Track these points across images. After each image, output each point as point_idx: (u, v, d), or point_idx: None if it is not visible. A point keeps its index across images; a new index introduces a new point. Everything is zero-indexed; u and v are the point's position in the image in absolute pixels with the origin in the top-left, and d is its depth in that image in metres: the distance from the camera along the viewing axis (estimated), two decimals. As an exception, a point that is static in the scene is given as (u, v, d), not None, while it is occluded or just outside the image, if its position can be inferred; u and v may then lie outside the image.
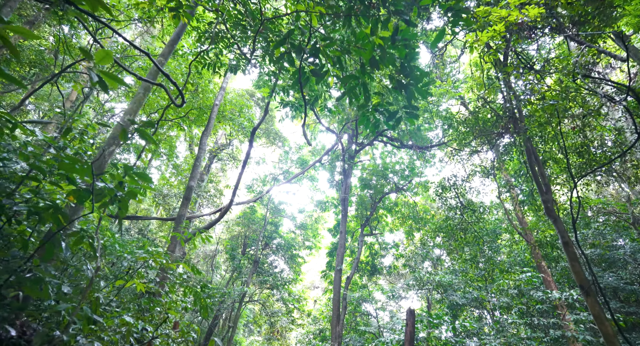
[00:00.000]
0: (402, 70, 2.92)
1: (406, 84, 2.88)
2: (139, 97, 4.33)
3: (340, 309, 13.64)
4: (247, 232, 24.67)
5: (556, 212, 5.51)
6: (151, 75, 4.64)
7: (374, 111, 3.31)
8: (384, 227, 20.35)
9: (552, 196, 5.72)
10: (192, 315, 23.86)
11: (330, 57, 3.11)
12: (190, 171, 8.77)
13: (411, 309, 6.88)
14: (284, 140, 22.90)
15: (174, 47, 5.39)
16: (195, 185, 8.50)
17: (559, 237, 5.25)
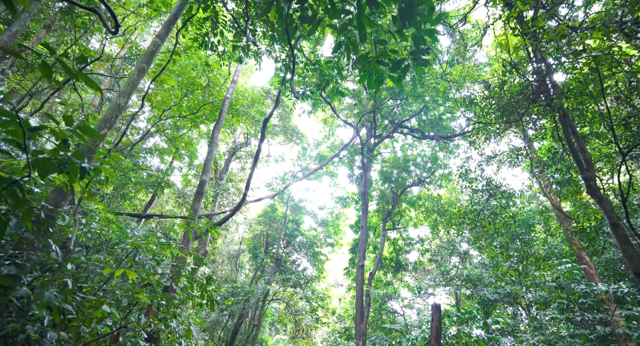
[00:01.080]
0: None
1: (410, 13, 2.43)
2: (132, 79, 4.10)
3: (363, 306, 13.16)
4: (268, 231, 24.63)
5: (600, 191, 4.83)
6: (147, 56, 4.40)
7: (376, 63, 2.88)
8: (407, 221, 19.63)
9: (595, 173, 5.02)
10: (219, 314, 24.11)
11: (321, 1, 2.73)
12: (203, 166, 8.60)
13: (436, 304, 6.35)
14: (302, 136, 22.64)
15: (170, 28, 5.17)
16: (208, 180, 8.32)
17: (606, 219, 4.58)
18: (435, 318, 6.16)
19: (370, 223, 19.97)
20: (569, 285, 8.07)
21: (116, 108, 3.84)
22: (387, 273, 19.80)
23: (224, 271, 29.47)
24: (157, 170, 17.78)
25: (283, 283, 22.08)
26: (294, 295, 22.90)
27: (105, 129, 3.70)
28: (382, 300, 17.95)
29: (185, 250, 7.41)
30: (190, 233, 7.50)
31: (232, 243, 29.55)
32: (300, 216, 24.50)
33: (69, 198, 3.21)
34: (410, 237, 19.52)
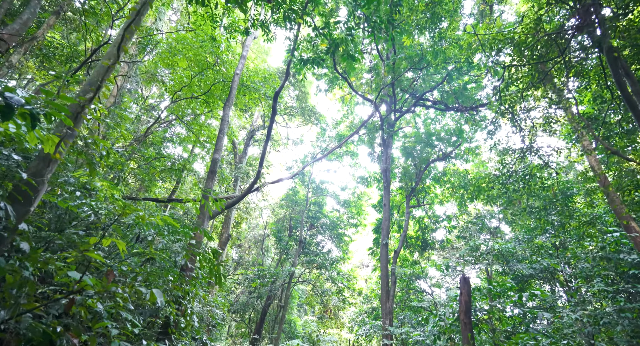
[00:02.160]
0: None
1: None
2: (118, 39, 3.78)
3: (389, 285, 12.83)
4: (291, 214, 24.63)
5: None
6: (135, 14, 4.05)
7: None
8: (432, 199, 18.90)
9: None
10: (248, 296, 24.67)
11: None
12: (215, 143, 8.36)
13: (465, 276, 5.85)
14: (320, 117, 22.09)
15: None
16: (220, 158, 8.08)
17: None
18: (464, 292, 5.69)
19: (394, 202, 19.41)
20: (617, 256, 7.28)
21: (102, 71, 3.56)
22: (413, 252, 19.30)
23: (251, 255, 30.04)
24: (179, 158, 17.95)
25: (308, 265, 22.13)
26: (319, 277, 22.96)
27: (91, 93, 3.42)
28: (409, 280, 17.54)
29: (200, 228, 7.27)
30: (210, 211, 7.33)
31: (257, 228, 29.93)
32: (322, 198, 24.26)
33: (53, 167, 2.99)
34: (436, 215, 18.81)
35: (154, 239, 4.64)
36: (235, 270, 27.04)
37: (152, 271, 3.91)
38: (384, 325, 11.70)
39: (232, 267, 28.91)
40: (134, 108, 19.39)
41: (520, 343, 4.72)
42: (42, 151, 2.97)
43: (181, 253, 6.32)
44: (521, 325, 8.43)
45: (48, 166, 3.01)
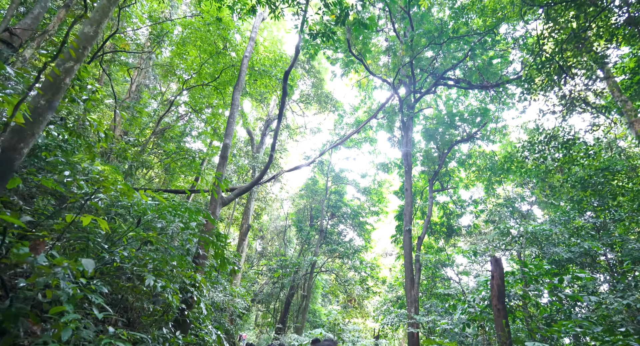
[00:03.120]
0: None
1: None
2: (102, 4, 3.47)
3: (413, 272, 12.31)
4: (311, 204, 24.39)
5: None
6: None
7: None
8: (457, 183, 18.02)
9: None
10: (272, 287, 24.80)
11: None
12: (225, 128, 8.08)
13: (496, 257, 5.29)
14: (337, 103, 21.52)
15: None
16: (231, 143, 7.80)
17: None
18: (495, 275, 5.14)
19: (416, 187, 18.70)
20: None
21: (83, 39, 3.27)
22: (438, 239, 18.58)
23: (274, 247, 30.20)
24: (198, 151, 17.98)
25: (329, 255, 21.88)
26: (342, 266, 22.69)
27: (71, 62, 3.13)
28: (435, 267, 16.92)
29: (212, 215, 7.04)
30: (216, 195, 7.08)
31: (279, 219, 29.96)
32: (343, 187, 23.83)
33: (30, 141, 2.74)
34: (462, 199, 17.95)
35: (158, 225, 4.39)
36: (259, 261, 27.27)
37: (155, 257, 3.66)
38: (409, 313, 11.25)
39: (256, 258, 29.21)
40: (154, 105, 19.52)
41: (563, 330, 4.14)
42: (17, 125, 2.70)
43: (191, 240, 6.10)
44: (559, 312, 7.75)
45: (22, 141, 2.75)
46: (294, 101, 22.14)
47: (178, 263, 4.29)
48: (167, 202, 4.08)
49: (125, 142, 7.74)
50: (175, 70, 11.56)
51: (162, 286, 3.45)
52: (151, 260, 3.96)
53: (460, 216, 17.96)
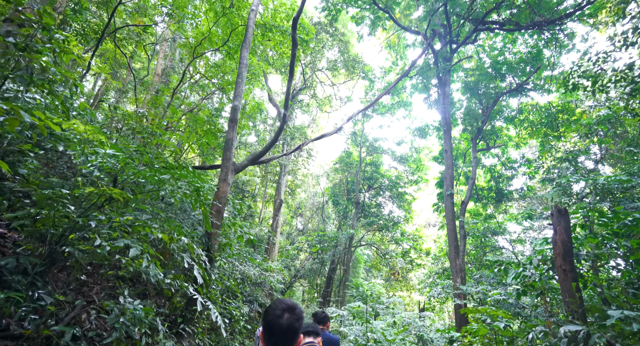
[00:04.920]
0: None
1: None
2: None
3: (457, 240, 11.17)
4: (347, 177, 23.59)
5: None
6: None
7: None
8: (505, 142, 16.06)
9: None
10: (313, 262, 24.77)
11: None
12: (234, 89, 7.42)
13: (560, 208, 4.14)
14: (365, 67, 20.01)
15: None
16: (240, 105, 7.13)
17: None
18: (559, 229, 4.03)
19: (458, 150, 17.06)
20: None
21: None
22: (486, 205, 16.95)
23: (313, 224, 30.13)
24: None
25: (368, 228, 21.14)
26: (382, 239, 21.88)
27: None
28: (484, 236, 15.49)
29: (223, 182, 6.51)
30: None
31: (316, 196, 29.64)
32: (378, 157, 22.65)
33: None
34: (512, 160, 16.03)
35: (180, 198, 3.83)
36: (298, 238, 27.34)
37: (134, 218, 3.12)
38: (454, 283, 10.26)
39: (297, 235, 29.37)
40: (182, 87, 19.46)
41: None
42: None
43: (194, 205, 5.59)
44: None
45: None
46: (320, 70, 21.00)
47: (169, 227, 3.74)
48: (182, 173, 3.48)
49: (136, 114, 7.35)
50: (188, 38, 11.00)
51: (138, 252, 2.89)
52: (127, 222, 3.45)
53: (510, 179, 16.11)
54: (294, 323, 1.25)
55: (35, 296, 2.51)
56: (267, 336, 1.26)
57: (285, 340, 1.23)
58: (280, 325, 1.23)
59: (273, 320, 1.25)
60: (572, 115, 14.18)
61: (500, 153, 16.56)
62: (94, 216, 3.46)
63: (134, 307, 2.60)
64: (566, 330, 3.18)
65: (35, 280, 2.85)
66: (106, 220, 3.49)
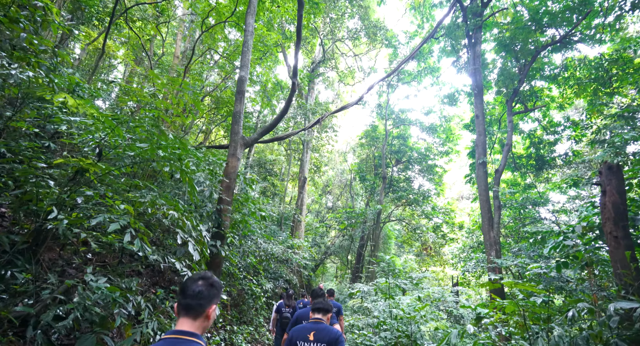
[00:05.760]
0: None
1: None
2: None
3: (491, 211, 10.38)
4: (374, 152, 22.87)
5: None
6: None
7: None
8: (547, 104, 14.49)
9: None
10: (341, 239, 24.75)
11: None
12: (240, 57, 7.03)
13: (610, 164, 3.45)
14: (387, 33, 18.72)
15: None
16: (248, 76, 6.74)
17: None
18: (609, 189, 3.37)
19: (492, 116, 15.74)
20: None
21: None
22: (525, 174, 15.68)
23: (342, 201, 29.92)
24: (258, 112, 17.54)
25: (396, 202, 20.51)
26: (413, 213, 21.20)
27: None
28: (522, 207, 14.39)
29: (231, 157, 6.26)
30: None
31: (344, 173, 29.21)
32: (406, 129, 21.60)
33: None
34: (555, 123, 14.51)
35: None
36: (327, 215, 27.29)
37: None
38: (488, 257, 9.61)
39: (326, 213, 29.37)
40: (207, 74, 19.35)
41: None
42: None
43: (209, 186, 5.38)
44: None
45: None
46: (340, 40, 19.96)
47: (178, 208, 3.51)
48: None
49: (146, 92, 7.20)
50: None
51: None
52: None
53: (553, 144, 14.66)
54: (204, 290, 1.38)
55: (8, 274, 2.38)
56: (181, 297, 1.38)
57: (194, 303, 1.35)
58: (192, 288, 1.38)
59: (188, 283, 1.40)
60: (629, 67, 12.39)
61: (540, 116, 15.05)
62: (81, 191, 3.29)
63: (97, 286, 2.40)
64: (617, 307, 2.62)
65: (16, 258, 2.73)
66: (96, 196, 3.31)
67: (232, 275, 7.47)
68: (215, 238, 5.53)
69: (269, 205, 14.39)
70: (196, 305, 1.33)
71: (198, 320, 1.33)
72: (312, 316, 2.64)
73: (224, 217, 5.83)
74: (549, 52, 13.25)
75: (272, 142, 11.54)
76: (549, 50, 13.04)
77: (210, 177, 5.74)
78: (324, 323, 2.55)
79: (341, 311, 5.19)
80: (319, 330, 2.47)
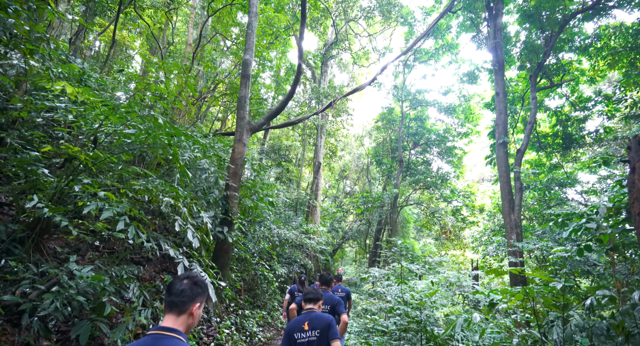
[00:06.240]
0: None
1: None
2: None
3: (512, 193, 9.93)
4: (390, 135, 22.35)
5: None
6: None
7: None
8: (576, 78, 13.50)
9: None
10: (359, 223, 24.65)
11: None
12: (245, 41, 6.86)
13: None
14: (402, 9, 17.89)
15: None
16: (253, 59, 6.57)
17: None
18: (638, 166, 3.05)
19: (514, 94, 14.90)
20: None
21: None
22: (551, 154, 14.89)
23: (359, 186, 29.70)
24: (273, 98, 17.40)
25: (414, 186, 20.09)
26: (432, 197, 20.74)
27: None
28: (547, 189, 13.72)
29: (238, 142, 6.18)
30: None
31: (361, 158, 28.84)
32: (423, 110, 20.90)
33: None
34: (585, 98, 13.55)
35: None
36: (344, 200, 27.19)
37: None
38: (508, 240, 9.25)
39: (343, 197, 29.28)
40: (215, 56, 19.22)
41: None
42: None
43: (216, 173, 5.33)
44: None
45: None
46: (354, 20, 19.28)
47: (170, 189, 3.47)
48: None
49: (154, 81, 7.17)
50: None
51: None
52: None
53: (582, 121, 13.76)
54: (186, 288, 1.44)
55: (2, 263, 2.40)
56: (166, 295, 1.45)
57: (177, 300, 1.41)
58: (177, 287, 1.44)
59: (174, 282, 1.47)
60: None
61: (568, 92, 14.09)
62: (79, 180, 3.28)
63: (81, 275, 2.39)
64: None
65: (14, 247, 2.76)
66: (95, 184, 3.30)
67: (245, 260, 7.54)
68: (222, 225, 5.53)
69: (283, 191, 14.42)
70: (179, 302, 1.40)
71: (181, 317, 1.39)
72: (305, 307, 2.75)
73: (232, 204, 5.81)
74: (580, 20, 12.24)
75: (284, 127, 11.40)
76: (579, 18, 12.05)
77: (219, 163, 5.68)
78: (316, 311, 2.68)
79: (349, 296, 5.31)
80: (312, 318, 2.59)
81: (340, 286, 5.42)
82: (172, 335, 1.32)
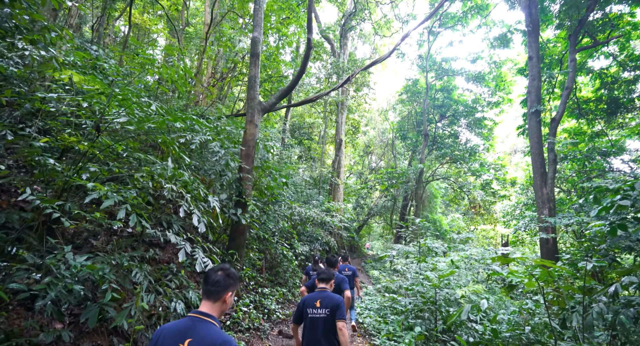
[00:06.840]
0: None
1: None
2: None
3: (545, 165, 9.28)
4: (415, 108, 21.46)
5: None
6: None
7: None
8: (626, 33, 12.01)
9: None
10: (384, 199, 24.40)
11: None
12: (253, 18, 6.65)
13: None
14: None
15: None
16: (261, 37, 6.35)
17: None
18: None
19: (553, 56, 13.62)
20: None
21: None
22: (593, 121, 13.67)
23: (385, 161, 29.18)
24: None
25: (440, 160, 19.38)
26: (460, 171, 19.98)
27: None
28: (588, 159, 12.70)
29: (249, 123, 6.11)
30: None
31: (385, 132, 28.11)
32: (450, 80, 19.74)
33: None
34: (637, 55, 12.12)
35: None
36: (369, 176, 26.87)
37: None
38: (539, 215, 8.76)
39: (368, 173, 28.97)
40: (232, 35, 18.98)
41: None
42: None
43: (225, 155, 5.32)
44: None
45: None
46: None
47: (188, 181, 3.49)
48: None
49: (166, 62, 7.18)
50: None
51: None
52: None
53: (632, 82, 12.39)
54: (221, 279, 1.65)
55: (13, 251, 2.53)
56: (204, 284, 1.65)
57: (213, 289, 1.62)
58: (212, 277, 1.64)
59: (210, 273, 1.66)
60: None
61: (616, 50, 12.64)
62: (86, 168, 3.36)
63: (75, 264, 2.46)
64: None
65: (26, 234, 2.90)
66: (104, 171, 3.37)
67: (266, 239, 7.68)
68: (236, 207, 5.59)
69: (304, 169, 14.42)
70: (214, 291, 1.61)
71: (216, 304, 1.61)
72: (318, 286, 3.04)
73: (245, 185, 5.83)
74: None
75: (302, 104, 11.15)
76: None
77: (230, 145, 5.66)
78: (328, 290, 2.98)
79: (356, 273, 5.93)
80: (323, 297, 2.89)
81: (347, 265, 6.02)
82: (208, 319, 1.53)
